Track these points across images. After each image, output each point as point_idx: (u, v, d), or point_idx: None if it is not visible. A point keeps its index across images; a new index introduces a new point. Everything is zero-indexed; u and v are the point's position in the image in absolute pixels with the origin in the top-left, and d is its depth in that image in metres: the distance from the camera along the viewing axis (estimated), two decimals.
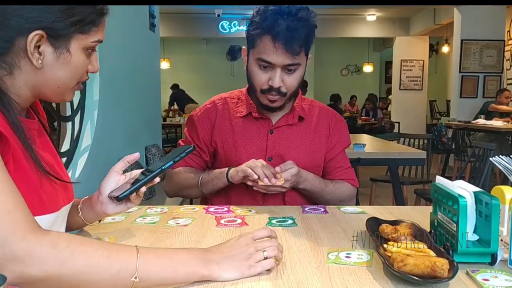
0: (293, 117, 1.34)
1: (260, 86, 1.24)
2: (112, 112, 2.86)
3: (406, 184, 3.31)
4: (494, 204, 0.74)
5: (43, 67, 0.74)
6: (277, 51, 1.17)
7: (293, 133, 1.34)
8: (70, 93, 0.81)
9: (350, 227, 1.01)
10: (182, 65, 11.03)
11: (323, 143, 1.36)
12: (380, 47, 11.40)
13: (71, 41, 0.75)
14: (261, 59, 1.20)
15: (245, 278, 0.70)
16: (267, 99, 1.25)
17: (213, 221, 1.06)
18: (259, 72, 1.23)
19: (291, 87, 1.24)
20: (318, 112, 1.39)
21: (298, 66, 1.22)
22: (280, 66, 1.19)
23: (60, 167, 0.87)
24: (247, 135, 1.33)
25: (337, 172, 1.39)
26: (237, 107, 1.36)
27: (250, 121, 1.34)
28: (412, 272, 0.66)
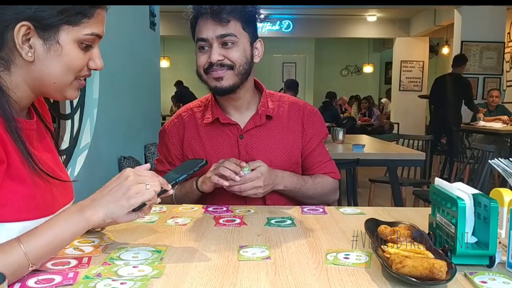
0: (260, 117, 1.30)
1: (202, 66, 1.22)
2: (111, 110, 2.86)
3: (405, 185, 3.31)
4: (492, 206, 0.74)
5: (35, 60, 0.73)
6: (206, 23, 1.18)
7: (264, 134, 1.30)
8: (70, 89, 0.79)
9: (348, 228, 1.01)
10: (182, 64, 11.01)
11: (298, 138, 1.32)
12: (380, 48, 11.40)
13: (60, 32, 0.73)
14: (197, 39, 1.20)
15: (243, 280, 0.70)
16: (213, 78, 1.21)
17: (211, 220, 1.06)
18: (199, 54, 1.22)
19: (235, 59, 1.19)
20: (289, 107, 1.35)
21: (235, 38, 1.18)
22: (215, 40, 1.17)
23: (60, 168, 0.87)
24: (217, 144, 1.30)
25: (317, 166, 1.35)
26: (204, 115, 1.33)
27: (218, 128, 1.30)
28: (410, 274, 0.66)
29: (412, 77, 9.08)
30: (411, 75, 9.07)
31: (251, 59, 1.24)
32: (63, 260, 0.77)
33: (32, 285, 0.68)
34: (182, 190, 1.29)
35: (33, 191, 0.73)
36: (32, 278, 0.70)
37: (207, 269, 0.75)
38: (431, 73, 9.75)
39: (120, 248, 0.85)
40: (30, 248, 0.67)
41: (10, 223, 0.70)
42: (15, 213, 0.69)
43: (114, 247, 0.86)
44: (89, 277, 0.70)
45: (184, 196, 1.29)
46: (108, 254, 0.81)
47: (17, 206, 0.71)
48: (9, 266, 0.65)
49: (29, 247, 0.67)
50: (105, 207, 0.73)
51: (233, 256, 0.81)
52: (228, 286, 0.68)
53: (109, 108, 2.80)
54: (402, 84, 9.09)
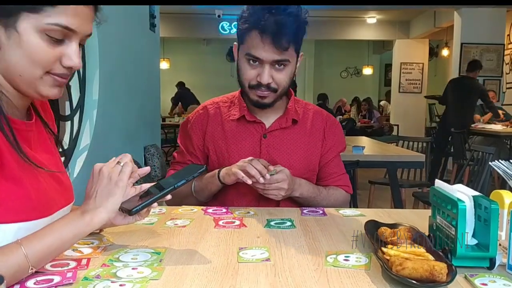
0: (286, 120, 1.31)
1: (248, 81, 1.22)
2: (111, 111, 2.85)
3: (405, 187, 3.31)
4: (493, 208, 0.73)
5: (1, 49, 0.69)
6: (265, 46, 1.15)
7: (287, 137, 1.31)
8: (42, 86, 0.73)
9: (348, 229, 1.01)
10: (182, 66, 11.02)
11: (318, 147, 1.34)
12: (380, 50, 11.41)
13: (19, 20, 0.68)
14: (250, 54, 1.18)
15: (243, 282, 0.70)
16: (256, 94, 1.23)
17: (211, 222, 1.06)
18: (248, 67, 1.21)
19: (281, 83, 1.21)
20: (313, 114, 1.36)
21: (288, 62, 1.19)
22: (269, 62, 1.17)
23: (59, 169, 0.86)
24: (240, 140, 1.30)
25: (332, 178, 1.36)
26: (229, 111, 1.34)
27: (243, 125, 1.31)
28: (410, 276, 0.66)
29: (411, 79, 9.08)
30: (410, 77, 9.07)
31: (293, 76, 1.26)
32: (62, 262, 0.77)
33: (31, 286, 0.67)
34: (203, 181, 1.28)
35: (28, 192, 0.73)
36: (31, 279, 0.69)
37: (206, 271, 0.74)
38: (430, 75, 9.76)
39: (119, 250, 0.84)
40: (31, 250, 0.67)
41: (5, 224, 0.69)
42: (10, 214, 0.69)
43: (113, 248, 0.85)
44: (88, 278, 0.70)
45: (204, 188, 1.28)
46: (107, 255, 0.81)
47: (12, 207, 0.70)
48: (10, 268, 0.64)
49: (30, 249, 0.67)
50: (102, 205, 0.74)
51: (232, 258, 0.81)
52: None
53: (109, 110, 2.79)
54: (401, 86, 9.10)
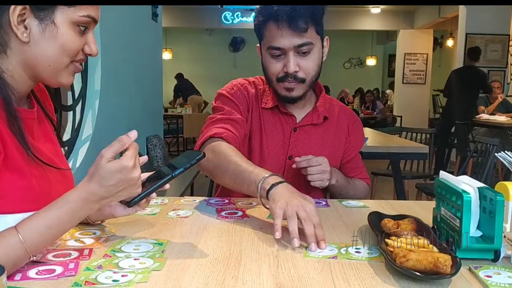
0: (318, 116, 1.29)
1: (275, 75, 1.19)
2: (113, 102, 2.85)
3: (408, 179, 3.30)
4: (498, 200, 0.73)
5: (30, 41, 0.72)
6: (283, 32, 1.12)
7: (315, 133, 1.31)
8: (65, 74, 0.78)
9: (351, 221, 1.00)
10: (184, 56, 10.98)
11: (342, 144, 1.34)
12: (383, 40, 11.32)
13: (56, 13, 0.72)
14: (271, 47, 1.15)
15: (245, 273, 0.70)
16: (284, 88, 1.19)
17: (214, 213, 1.06)
18: (272, 61, 1.18)
19: (308, 71, 1.18)
20: (338, 111, 1.36)
21: (311, 46, 1.15)
22: (291, 49, 1.14)
23: (60, 158, 0.86)
24: (273, 129, 1.29)
25: (354, 172, 1.38)
26: (263, 95, 1.31)
27: (276, 115, 1.29)
28: (414, 268, 0.66)
29: (415, 70, 9.02)
30: (414, 68, 9.01)
31: (321, 62, 1.23)
32: (64, 252, 0.77)
33: (33, 276, 0.67)
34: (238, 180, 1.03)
35: (31, 182, 0.73)
36: (33, 269, 0.69)
37: (208, 262, 0.74)
38: (435, 65, 9.69)
39: (121, 240, 0.84)
40: (27, 234, 0.66)
41: (8, 215, 0.70)
42: (13, 204, 0.69)
43: (115, 239, 0.85)
44: (90, 269, 0.70)
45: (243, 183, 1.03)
46: (109, 246, 0.81)
47: (14, 198, 0.70)
48: (7, 254, 0.64)
49: (26, 233, 0.66)
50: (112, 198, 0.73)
51: (235, 249, 0.81)
52: (230, 279, 0.67)
53: (111, 100, 2.79)
54: (405, 76, 9.04)
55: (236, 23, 8.65)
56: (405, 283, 0.66)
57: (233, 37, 11.11)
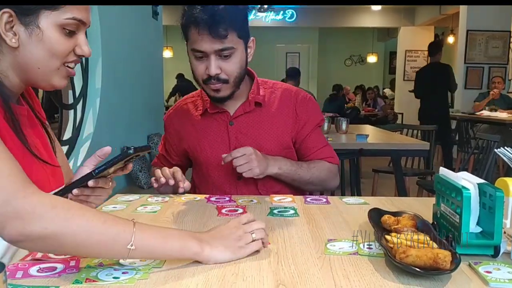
0: (249, 104, 1.30)
1: (200, 76, 1.21)
2: (114, 100, 2.85)
3: (409, 175, 3.30)
4: (498, 196, 0.73)
5: (20, 46, 0.74)
6: (203, 37, 1.13)
7: (253, 120, 1.31)
8: (57, 77, 0.79)
9: (352, 217, 1.00)
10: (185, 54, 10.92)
11: (289, 124, 1.32)
12: (384, 37, 11.30)
13: (40, 17, 0.74)
14: (193, 49, 1.17)
15: (246, 270, 0.70)
16: (211, 89, 1.22)
17: (214, 210, 1.06)
18: (196, 63, 1.20)
19: (231, 72, 1.19)
20: (281, 94, 1.35)
21: (233, 50, 1.16)
22: (212, 53, 1.15)
23: (49, 154, 0.88)
24: (208, 132, 1.32)
25: (313, 152, 1.35)
26: (196, 106, 1.36)
27: (208, 118, 1.33)
28: (414, 264, 0.66)
29: (416, 67, 8.98)
30: (415, 65, 8.99)
31: (245, 63, 1.24)
32: None
33: (34, 274, 0.68)
34: None
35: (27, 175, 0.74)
36: (34, 266, 0.70)
37: None
38: None
39: None
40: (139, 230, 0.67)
41: None
42: None
43: None
44: (91, 266, 0.70)
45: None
46: None
47: None
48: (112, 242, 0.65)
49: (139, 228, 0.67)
50: (215, 249, 0.72)
51: None
52: (230, 276, 0.68)
53: (112, 98, 2.79)
54: (406, 74, 9.03)
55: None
56: (405, 279, 0.66)
57: None
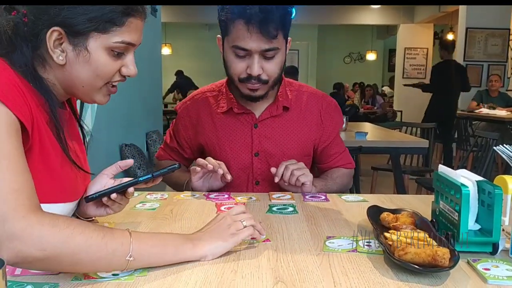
0: (277, 107, 1.27)
1: (237, 75, 1.17)
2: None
3: (408, 173, 3.30)
4: (496, 193, 0.73)
5: (66, 64, 0.75)
6: (252, 36, 1.09)
7: (278, 125, 1.28)
8: (99, 94, 0.80)
9: (351, 215, 1.00)
10: (184, 51, 10.95)
11: (313, 131, 1.31)
12: (383, 35, 11.28)
13: (89, 39, 0.74)
14: (236, 46, 1.12)
15: (245, 267, 0.70)
16: (247, 88, 1.18)
17: (213, 207, 1.06)
18: (235, 60, 1.15)
19: (272, 73, 1.17)
20: (307, 97, 1.32)
21: (277, 50, 1.14)
22: (257, 52, 1.12)
23: (83, 156, 0.89)
24: (230, 132, 1.28)
25: (334, 158, 1.34)
26: (217, 102, 1.31)
27: (232, 117, 1.28)
28: (413, 261, 0.66)
29: (416, 65, 8.99)
30: (415, 63, 8.98)
31: (284, 64, 1.22)
32: None
33: (34, 271, 0.67)
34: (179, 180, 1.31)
35: (61, 176, 0.76)
36: None
37: None
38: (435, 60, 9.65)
39: None
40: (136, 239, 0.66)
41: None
42: (42, 195, 0.69)
43: None
44: None
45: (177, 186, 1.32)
46: None
47: (44, 189, 0.72)
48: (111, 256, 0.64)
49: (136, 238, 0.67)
50: (208, 242, 0.73)
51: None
52: (229, 273, 0.68)
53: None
54: (405, 71, 9.01)
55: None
56: (404, 276, 0.67)
57: None
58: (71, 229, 0.62)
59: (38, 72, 0.75)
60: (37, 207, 0.64)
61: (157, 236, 0.73)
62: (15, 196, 0.61)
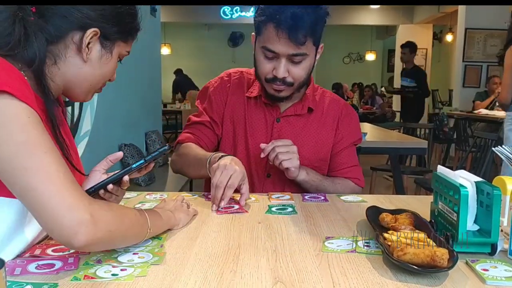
0: (302, 107, 1.29)
1: (264, 75, 1.20)
2: (112, 97, 2.84)
3: (407, 174, 3.31)
4: (495, 194, 0.73)
5: (87, 62, 0.80)
6: (280, 40, 1.11)
7: (300, 124, 1.30)
8: (92, 94, 0.87)
9: (350, 215, 1.00)
10: (183, 51, 10.95)
11: (330, 136, 1.31)
12: (383, 35, 11.30)
13: (115, 45, 0.83)
14: (265, 47, 1.15)
15: (244, 267, 0.70)
16: (272, 88, 1.21)
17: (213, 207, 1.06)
18: (264, 61, 1.18)
19: (298, 77, 1.19)
20: (328, 103, 1.34)
21: (305, 56, 1.16)
22: (285, 56, 1.14)
23: (76, 154, 0.90)
24: (256, 119, 1.30)
25: (342, 168, 1.32)
26: (248, 84, 1.33)
27: (259, 105, 1.31)
28: (411, 261, 0.66)
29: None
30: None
31: (312, 68, 1.23)
32: (63, 246, 0.77)
33: (33, 271, 0.68)
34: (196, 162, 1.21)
35: None
36: (33, 263, 0.70)
37: (207, 256, 0.75)
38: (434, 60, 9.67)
39: None
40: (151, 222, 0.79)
41: None
42: None
43: None
44: (89, 263, 0.70)
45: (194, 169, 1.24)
46: None
47: None
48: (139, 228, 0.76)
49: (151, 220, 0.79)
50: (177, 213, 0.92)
51: (233, 243, 0.81)
52: (229, 273, 0.68)
53: (109, 96, 2.78)
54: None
55: (235, 18, 8.61)
56: (403, 277, 0.67)
57: (232, 32, 11.07)
58: (120, 210, 0.73)
59: (44, 68, 0.76)
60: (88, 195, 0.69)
61: (155, 212, 0.85)
62: (73, 186, 0.65)
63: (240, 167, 1.06)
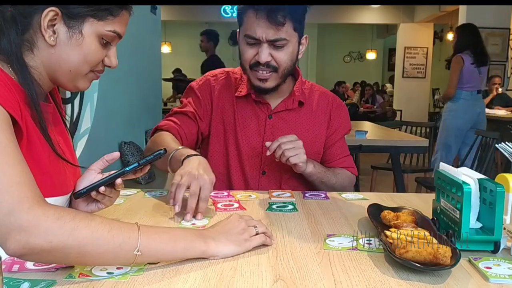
0: (292, 101, 1.30)
1: (248, 61, 1.20)
2: (112, 95, 2.84)
3: (408, 172, 3.30)
4: (498, 191, 0.72)
5: (56, 45, 0.75)
6: (260, 22, 1.13)
7: (292, 118, 1.30)
8: (83, 80, 0.81)
9: (351, 213, 1.00)
10: (184, 49, 10.93)
11: (323, 129, 1.33)
12: (383, 34, 11.28)
13: (84, 24, 0.76)
14: (247, 35, 1.16)
15: (244, 264, 0.70)
16: (257, 78, 1.20)
17: (212, 205, 1.05)
18: (246, 48, 1.19)
19: (281, 61, 1.18)
20: (318, 96, 1.35)
21: (285, 41, 1.16)
22: (266, 41, 1.15)
23: (70, 152, 0.88)
24: (246, 117, 1.29)
25: (337, 159, 1.35)
26: (238, 84, 1.32)
27: (249, 103, 1.30)
28: (414, 259, 0.65)
29: (415, 64, 8.99)
30: (414, 62, 8.98)
31: (296, 58, 1.23)
32: None
33: (31, 267, 0.67)
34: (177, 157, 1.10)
35: (49, 170, 0.76)
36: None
37: None
38: (435, 59, 9.66)
39: None
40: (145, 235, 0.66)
41: None
42: None
43: None
44: None
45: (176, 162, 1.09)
46: None
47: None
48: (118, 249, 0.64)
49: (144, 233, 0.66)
50: (221, 243, 0.73)
51: None
52: (229, 271, 0.67)
53: (110, 93, 2.78)
54: (405, 70, 9.01)
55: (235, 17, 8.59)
56: (405, 275, 0.66)
57: (232, 30, 11.00)
58: (76, 221, 0.62)
59: (24, 59, 0.74)
60: (41, 199, 0.64)
61: (168, 231, 0.72)
62: (18, 188, 0.61)
63: (208, 174, 0.96)
